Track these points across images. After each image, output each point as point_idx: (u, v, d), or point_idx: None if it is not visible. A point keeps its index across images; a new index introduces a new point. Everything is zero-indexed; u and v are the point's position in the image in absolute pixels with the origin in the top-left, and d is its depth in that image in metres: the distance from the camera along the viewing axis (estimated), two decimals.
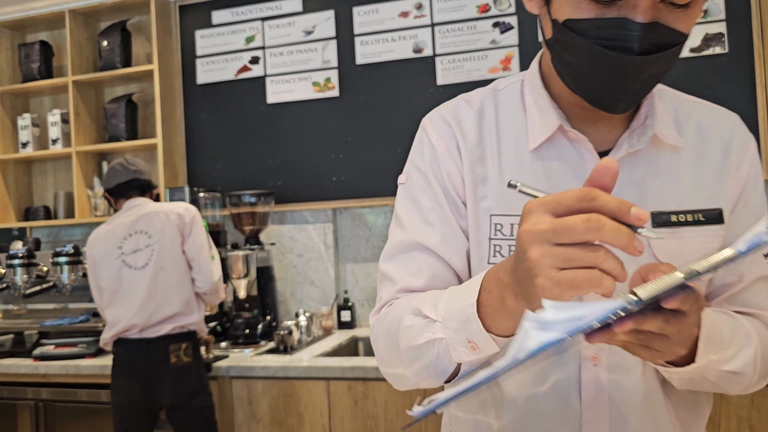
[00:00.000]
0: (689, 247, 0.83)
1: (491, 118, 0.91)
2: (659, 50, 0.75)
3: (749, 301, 0.88)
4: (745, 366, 0.81)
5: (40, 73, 3.48)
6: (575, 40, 0.77)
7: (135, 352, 2.37)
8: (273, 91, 3.21)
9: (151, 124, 3.44)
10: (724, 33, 2.65)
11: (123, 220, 2.46)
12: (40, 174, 3.72)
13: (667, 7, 0.74)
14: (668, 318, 0.63)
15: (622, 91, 0.78)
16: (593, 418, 0.84)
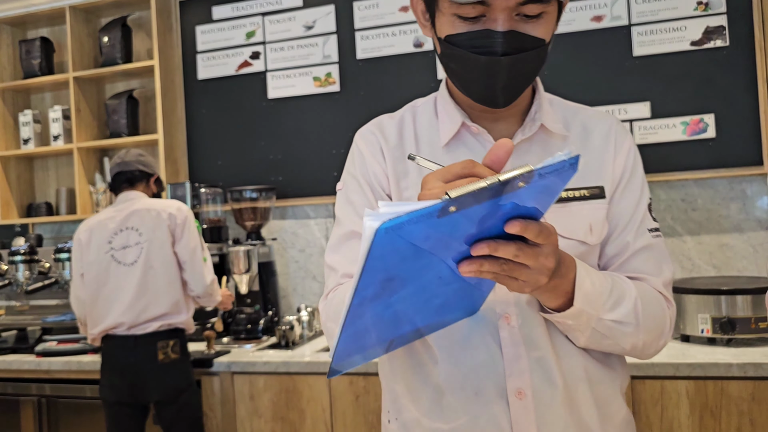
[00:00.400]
0: (576, 217, 1.00)
1: (410, 125, 1.10)
2: (519, 52, 0.93)
3: (635, 267, 1.03)
4: (627, 316, 0.95)
5: (41, 70, 3.48)
6: (455, 51, 0.96)
7: (122, 348, 2.38)
8: (274, 86, 3.21)
9: (152, 120, 3.45)
10: (725, 26, 2.64)
11: (115, 215, 2.47)
12: (41, 170, 3.72)
13: (522, 19, 0.93)
14: (521, 246, 0.74)
15: (496, 87, 0.96)
16: (515, 369, 0.97)
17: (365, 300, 0.71)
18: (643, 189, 1.07)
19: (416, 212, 0.61)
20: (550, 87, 2.99)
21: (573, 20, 2.81)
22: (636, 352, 1.01)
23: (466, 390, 0.98)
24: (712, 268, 2.73)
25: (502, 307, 0.98)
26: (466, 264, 0.74)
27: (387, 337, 0.85)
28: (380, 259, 0.65)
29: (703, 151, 2.67)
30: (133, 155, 2.55)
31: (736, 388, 2.02)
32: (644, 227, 1.04)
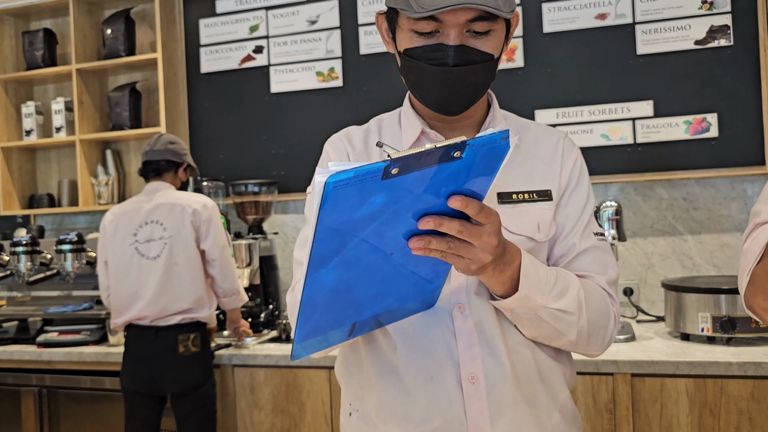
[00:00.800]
0: (525, 216, 1.08)
1: (375, 134, 1.19)
2: (468, 64, 1.02)
3: (581, 266, 1.11)
4: (570, 305, 1.02)
5: (43, 61, 3.48)
6: (412, 63, 1.05)
7: (144, 339, 2.39)
8: (277, 81, 3.21)
9: (154, 113, 3.45)
10: (729, 25, 2.64)
11: (141, 206, 2.46)
12: (44, 162, 3.72)
13: (472, 35, 1.02)
14: (464, 224, 0.80)
15: (449, 95, 1.05)
16: (468, 356, 1.04)
17: (321, 265, 0.75)
18: (588, 196, 1.15)
19: (361, 168, 0.66)
20: (553, 85, 3.01)
21: (577, 17, 2.81)
22: (582, 345, 1.08)
23: (422, 375, 1.05)
24: (713, 268, 2.73)
25: (455, 297, 1.06)
26: (415, 240, 0.80)
27: (348, 320, 0.90)
28: (332, 217, 0.69)
29: (706, 150, 2.67)
30: (163, 143, 2.52)
31: (735, 386, 2.03)
32: (590, 230, 1.13)
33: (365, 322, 0.94)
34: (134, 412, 2.42)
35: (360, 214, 0.72)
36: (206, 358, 2.45)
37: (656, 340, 2.35)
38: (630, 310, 2.75)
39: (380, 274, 0.85)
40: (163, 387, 2.39)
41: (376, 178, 0.68)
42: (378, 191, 0.70)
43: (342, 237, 0.74)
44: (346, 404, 1.17)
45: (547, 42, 2.85)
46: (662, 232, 2.79)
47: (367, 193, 0.70)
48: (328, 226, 0.71)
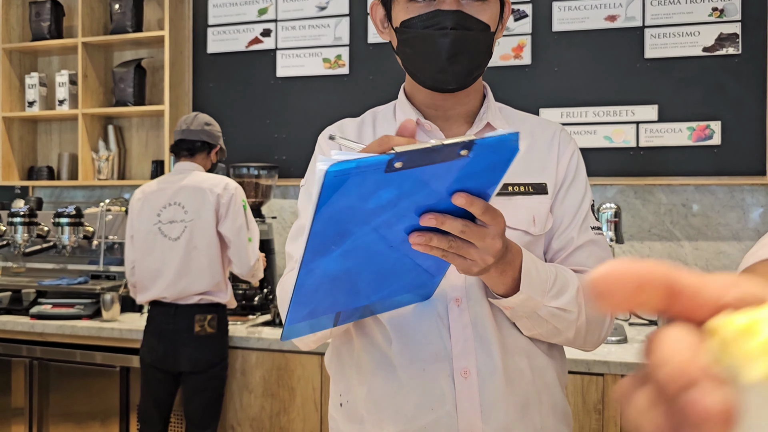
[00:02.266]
0: (520, 209, 1.07)
1: (369, 125, 1.18)
2: (465, 29, 1.03)
3: (579, 261, 1.10)
4: (570, 303, 1.00)
5: (49, 33, 3.47)
6: (409, 34, 1.05)
7: (164, 315, 2.43)
8: (283, 65, 3.20)
9: (159, 91, 3.44)
10: (738, 34, 2.64)
11: (168, 186, 2.48)
12: (45, 134, 3.71)
13: (468, 3, 1.03)
14: (467, 224, 0.78)
15: (447, 63, 1.04)
16: (462, 350, 1.04)
17: (318, 253, 0.74)
18: (586, 190, 1.15)
19: (364, 160, 0.65)
20: (559, 83, 3.00)
21: (587, 18, 2.80)
22: (579, 341, 1.07)
23: (415, 367, 1.05)
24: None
25: (453, 291, 1.05)
26: (416, 235, 0.78)
27: (336, 307, 0.90)
28: (331, 206, 0.68)
29: (707, 157, 2.68)
30: (199, 123, 2.52)
31: None
32: (587, 225, 1.12)
33: (354, 311, 0.94)
34: (149, 386, 2.46)
35: (361, 206, 0.71)
36: (222, 340, 2.47)
37: None
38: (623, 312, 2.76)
39: (379, 265, 0.84)
40: (175, 363, 2.41)
41: (379, 171, 0.66)
42: (380, 184, 0.69)
43: (341, 226, 0.73)
44: (335, 395, 1.17)
45: (556, 41, 2.85)
46: (659, 236, 2.80)
47: (368, 185, 0.68)
48: (327, 214, 0.69)
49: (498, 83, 1.16)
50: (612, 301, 0.30)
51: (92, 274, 3.01)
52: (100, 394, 2.67)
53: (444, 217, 0.77)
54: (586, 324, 1.04)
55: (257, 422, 2.52)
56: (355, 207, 0.71)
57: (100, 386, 2.67)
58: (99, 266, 3.05)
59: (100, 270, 3.04)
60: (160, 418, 2.47)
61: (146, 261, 2.45)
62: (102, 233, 3.05)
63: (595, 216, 1.15)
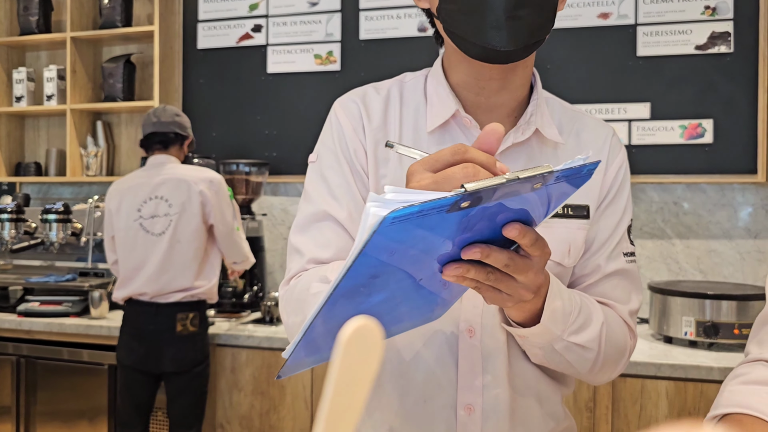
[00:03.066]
0: (556, 236, 0.92)
1: (396, 104, 0.99)
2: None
3: (605, 292, 0.98)
4: (591, 341, 0.90)
5: (38, 27, 3.43)
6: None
7: (143, 315, 2.37)
8: (274, 61, 3.18)
9: (148, 87, 3.41)
10: (730, 32, 2.64)
11: (146, 180, 2.41)
12: (32, 129, 3.67)
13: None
14: (513, 256, 0.69)
15: (503, 13, 0.84)
16: (468, 385, 0.94)
17: (342, 297, 0.64)
18: (626, 210, 1.01)
19: (429, 204, 0.55)
20: (551, 81, 3.00)
21: (579, 15, 2.80)
22: (590, 377, 0.97)
23: (414, 395, 0.96)
24: (699, 273, 2.75)
25: (467, 321, 0.94)
26: (452, 268, 0.68)
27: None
28: (375, 251, 0.59)
29: (699, 156, 2.68)
30: (170, 115, 2.46)
31: (715, 391, 2.04)
32: (620, 250, 0.99)
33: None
34: (129, 388, 2.40)
35: (408, 248, 0.62)
36: (204, 338, 2.43)
37: (639, 341, 2.36)
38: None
39: (400, 299, 0.74)
40: (159, 364, 2.37)
41: (442, 212, 0.57)
42: (436, 224, 0.59)
43: (378, 269, 0.64)
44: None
45: (548, 38, 2.83)
46: (651, 234, 2.80)
47: (423, 225, 0.59)
48: (371, 260, 0.60)
49: None
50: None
51: (80, 271, 2.98)
52: (88, 392, 2.65)
53: (490, 249, 0.67)
54: (602, 365, 0.94)
55: (247, 420, 2.50)
56: (401, 248, 0.61)
57: (88, 384, 2.65)
58: (87, 263, 3.01)
59: (89, 267, 3.01)
60: (140, 420, 2.43)
61: (129, 259, 2.39)
62: (90, 230, 3.02)
63: (631, 240, 1.01)
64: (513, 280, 0.71)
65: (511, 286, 0.71)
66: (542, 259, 0.72)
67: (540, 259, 0.71)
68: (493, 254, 0.67)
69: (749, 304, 2.19)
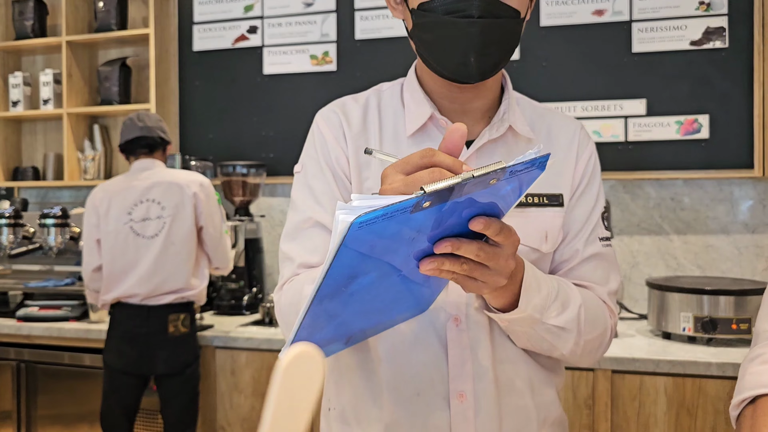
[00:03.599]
0: (533, 224, 0.99)
1: (374, 111, 1.06)
2: (494, 17, 0.91)
3: (584, 275, 1.03)
4: (570, 322, 0.95)
5: (33, 32, 3.43)
6: (428, 19, 0.93)
7: (134, 318, 2.36)
8: (270, 62, 3.18)
9: (144, 89, 3.41)
10: (725, 27, 2.64)
11: (135, 183, 2.40)
12: (29, 134, 3.67)
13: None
14: (482, 246, 0.74)
15: (471, 55, 0.93)
16: (459, 373, 0.98)
17: (325, 298, 0.69)
18: (598, 197, 1.07)
19: (391, 207, 0.60)
20: (546, 78, 3.00)
21: (574, 12, 2.80)
22: (574, 358, 1.01)
23: (407, 389, 0.99)
24: (697, 268, 2.75)
25: (452, 309, 0.98)
26: (427, 262, 0.73)
27: (343, 334, 0.85)
28: (348, 254, 0.64)
29: (696, 151, 2.68)
30: (154, 120, 2.47)
31: (713, 387, 2.05)
32: (595, 235, 1.04)
33: (358, 335, 0.90)
34: (116, 391, 2.39)
35: (379, 247, 0.67)
36: (195, 339, 2.44)
37: (638, 338, 2.36)
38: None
39: (383, 294, 0.80)
40: (152, 367, 2.36)
41: (405, 213, 0.62)
42: (403, 223, 0.64)
43: (354, 270, 0.69)
44: (326, 398, 1.12)
45: (544, 36, 2.84)
46: (648, 231, 2.80)
47: (390, 227, 0.64)
48: (345, 262, 0.65)
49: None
50: None
51: (79, 275, 2.98)
52: (89, 397, 2.65)
53: (460, 242, 0.72)
54: (584, 344, 0.99)
55: (248, 422, 2.50)
56: (372, 249, 0.67)
57: (88, 388, 2.65)
58: None
59: None
60: (127, 424, 2.43)
61: (118, 262, 2.38)
62: None
63: (605, 225, 1.08)
64: (486, 268, 0.76)
65: (485, 274, 0.76)
66: (511, 247, 0.77)
67: (509, 246, 0.76)
68: (464, 246, 0.72)
69: (747, 299, 2.19)
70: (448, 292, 0.97)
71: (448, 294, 0.97)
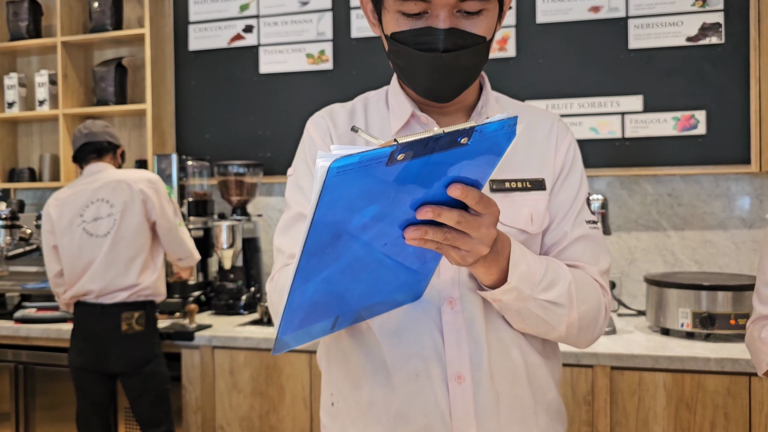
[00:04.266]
0: (518, 207, 1.04)
1: (361, 114, 1.13)
2: (460, 48, 0.97)
3: (572, 256, 1.07)
4: (561, 297, 0.97)
5: (28, 32, 3.42)
6: (400, 48, 1.00)
7: (90, 316, 2.42)
8: (266, 61, 3.18)
9: (140, 90, 3.40)
10: (721, 23, 2.64)
11: (85, 187, 2.47)
12: (25, 135, 3.66)
13: (463, 15, 0.97)
14: (463, 214, 0.77)
15: (440, 82, 1.00)
16: (456, 355, 1.00)
17: (313, 256, 0.72)
18: (581, 182, 1.12)
19: (366, 153, 0.63)
20: (543, 75, 3.00)
21: (570, 9, 2.80)
22: (572, 338, 1.04)
23: (406, 372, 1.01)
24: (695, 264, 2.75)
25: (446, 291, 1.01)
26: (411, 230, 0.76)
27: (332, 312, 0.87)
28: (331, 205, 0.66)
29: (692, 147, 2.68)
30: (100, 126, 2.55)
31: (712, 382, 2.05)
32: (582, 218, 1.08)
33: (348, 315, 0.91)
34: (83, 389, 2.45)
35: (359, 202, 0.69)
36: (151, 337, 2.46)
37: (636, 333, 2.37)
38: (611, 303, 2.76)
39: (371, 267, 0.82)
40: (107, 364, 2.41)
41: (381, 164, 0.65)
42: (381, 177, 0.67)
43: (337, 227, 0.71)
44: (326, 393, 1.13)
45: (540, 32, 2.84)
46: (646, 227, 2.80)
47: (368, 180, 0.66)
48: (327, 214, 0.67)
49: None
50: None
51: None
52: None
53: (440, 209, 0.75)
54: (578, 319, 1.01)
55: (247, 422, 2.50)
56: (354, 203, 0.69)
57: None
58: None
59: None
60: (99, 422, 2.47)
61: (75, 264, 2.43)
62: None
63: (591, 210, 1.12)
64: (468, 237, 0.79)
65: (467, 243, 0.80)
66: (491, 217, 0.80)
67: (489, 216, 0.80)
68: (444, 213, 0.76)
69: (745, 294, 2.19)
70: (440, 274, 1.00)
71: (440, 276, 1.00)
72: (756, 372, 2.00)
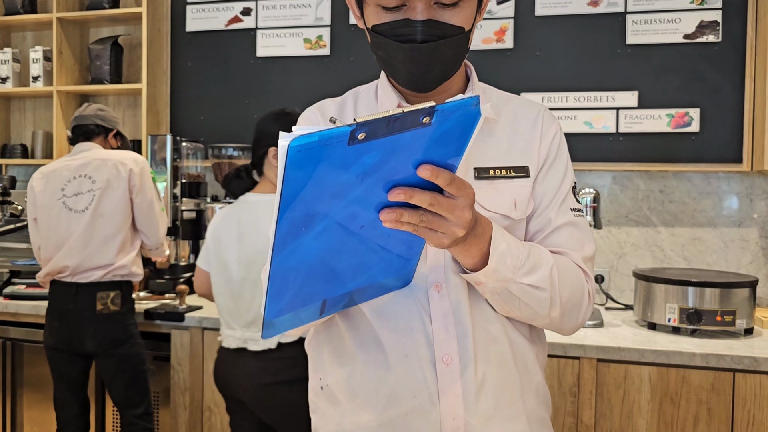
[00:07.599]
0: (502, 193, 1.06)
1: (351, 107, 1.15)
2: (438, 39, 0.99)
3: (557, 242, 1.08)
4: (543, 281, 0.99)
5: (23, 8, 3.39)
6: (380, 40, 1.02)
7: (64, 295, 2.40)
8: (263, 45, 3.16)
9: (136, 69, 3.38)
10: (719, 21, 2.65)
11: (69, 163, 2.48)
12: (18, 111, 3.64)
13: (440, 7, 0.98)
14: (435, 196, 0.78)
15: (420, 72, 1.02)
16: (443, 337, 1.02)
17: (289, 236, 0.73)
18: (567, 171, 1.12)
19: (326, 132, 0.64)
20: (540, 68, 3.00)
21: (569, 2, 2.80)
22: (555, 323, 1.05)
23: (396, 354, 1.03)
24: (683, 260, 2.78)
25: (433, 276, 1.03)
26: (386, 212, 0.77)
27: (319, 296, 0.88)
28: (298, 183, 0.67)
29: (686, 144, 2.70)
30: (92, 110, 2.55)
31: (697, 377, 2.08)
32: (566, 206, 1.10)
33: (337, 300, 0.92)
34: (57, 369, 2.45)
35: (327, 182, 0.70)
36: (126, 317, 2.44)
37: (623, 327, 2.39)
38: (600, 297, 2.79)
39: (352, 248, 0.83)
40: (81, 344, 2.39)
41: (342, 143, 0.66)
42: (345, 158, 0.68)
43: (309, 207, 0.72)
44: (315, 377, 1.15)
45: (538, 25, 2.84)
46: (636, 222, 2.82)
47: (333, 159, 0.67)
48: (295, 194, 0.68)
49: (479, 67, 1.15)
50: None
51: None
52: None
53: (412, 191, 0.76)
54: (561, 304, 1.02)
55: None
56: (322, 184, 0.69)
57: None
58: None
59: None
60: (76, 401, 2.47)
61: (51, 239, 2.42)
62: None
63: (576, 198, 1.13)
64: (443, 219, 0.81)
65: (443, 225, 0.81)
66: (466, 199, 0.81)
67: (463, 198, 0.81)
68: (417, 195, 0.77)
69: (732, 291, 2.22)
70: (427, 258, 1.02)
71: (426, 261, 1.02)
72: (740, 368, 2.03)
